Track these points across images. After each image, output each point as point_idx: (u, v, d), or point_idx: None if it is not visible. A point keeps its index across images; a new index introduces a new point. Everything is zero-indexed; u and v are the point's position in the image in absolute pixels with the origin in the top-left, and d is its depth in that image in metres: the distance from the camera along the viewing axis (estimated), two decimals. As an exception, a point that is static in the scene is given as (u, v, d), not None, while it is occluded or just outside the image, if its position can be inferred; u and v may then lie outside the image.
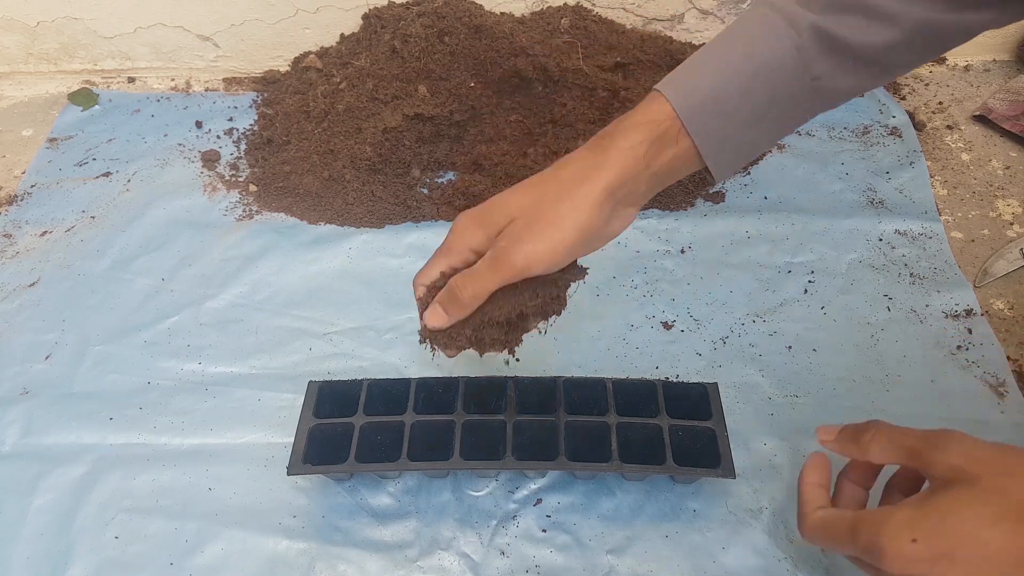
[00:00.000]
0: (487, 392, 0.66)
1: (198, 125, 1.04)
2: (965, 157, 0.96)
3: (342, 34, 1.05)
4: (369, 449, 0.63)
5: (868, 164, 0.94)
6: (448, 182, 0.94)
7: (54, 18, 1.07)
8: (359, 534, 0.64)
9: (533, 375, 0.67)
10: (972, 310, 0.79)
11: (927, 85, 1.07)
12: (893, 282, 0.82)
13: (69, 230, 0.91)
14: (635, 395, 0.66)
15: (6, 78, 1.13)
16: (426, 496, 0.66)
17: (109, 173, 0.98)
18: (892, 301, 0.80)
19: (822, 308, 0.79)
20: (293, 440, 0.63)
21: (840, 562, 0.61)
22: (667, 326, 0.78)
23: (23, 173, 0.99)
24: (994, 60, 1.10)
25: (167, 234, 0.90)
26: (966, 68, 1.09)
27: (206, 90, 1.10)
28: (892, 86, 1.06)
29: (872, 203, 0.90)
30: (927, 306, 0.79)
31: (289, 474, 0.61)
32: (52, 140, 1.03)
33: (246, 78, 1.12)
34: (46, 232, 0.91)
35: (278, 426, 0.71)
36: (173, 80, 1.12)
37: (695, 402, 0.65)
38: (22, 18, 1.07)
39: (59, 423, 0.72)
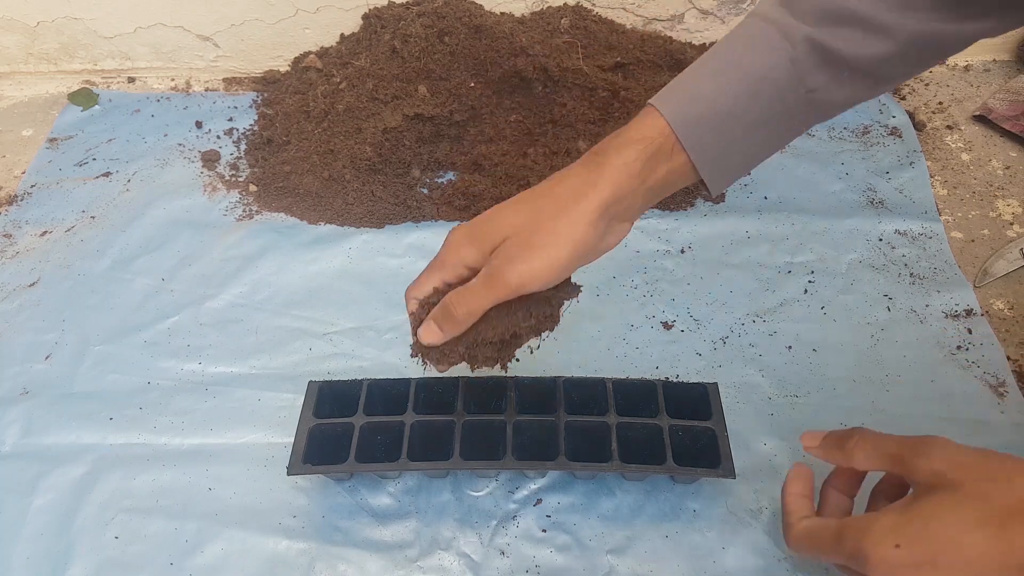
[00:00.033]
0: (487, 392, 0.66)
1: (198, 125, 1.04)
2: (965, 157, 0.96)
3: (342, 34, 1.05)
4: (369, 449, 0.63)
5: (868, 164, 0.94)
6: (448, 182, 0.93)
7: (54, 18, 1.07)
8: (359, 534, 0.64)
9: (533, 375, 0.67)
10: (972, 310, 0.79)
11: (927, 85, 1.07)
12: (893, 282, 0.81)
13: (69, 230, 0.91)
14: (635, 395, 0.66)
15: (6, 78, 1.13)
16: (426, 496, 0.66)
17: (109, 173, 0.98)
18: (892, 301, 0.80)
19: (822, 308, 0.79)
20: (293, 440, 0.63)
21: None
22: (667, 326, 0.78)
23: (23, 173, 0.99)
24: (994, 60, 1.10)
25: (167, 234, 0.90)
26: (966, 68, 1.09)
27: (206, 90, 1.10)
28: (892, 86, 1.06)
29: (872, 203, 0.90)
30: (927, 306, 0.79)
31: (289, 474, 0.61)
32: (52, 140, 1.03)
33: (246, 78, 1.12)
34: (46, 232, 0.91)
35: (278, 426, 0.71)
36: (173, 80, 1.12)
37: (695, 402, 0.65)
38: (22, 18, 1.07)
39: (59, 423, 0.72)
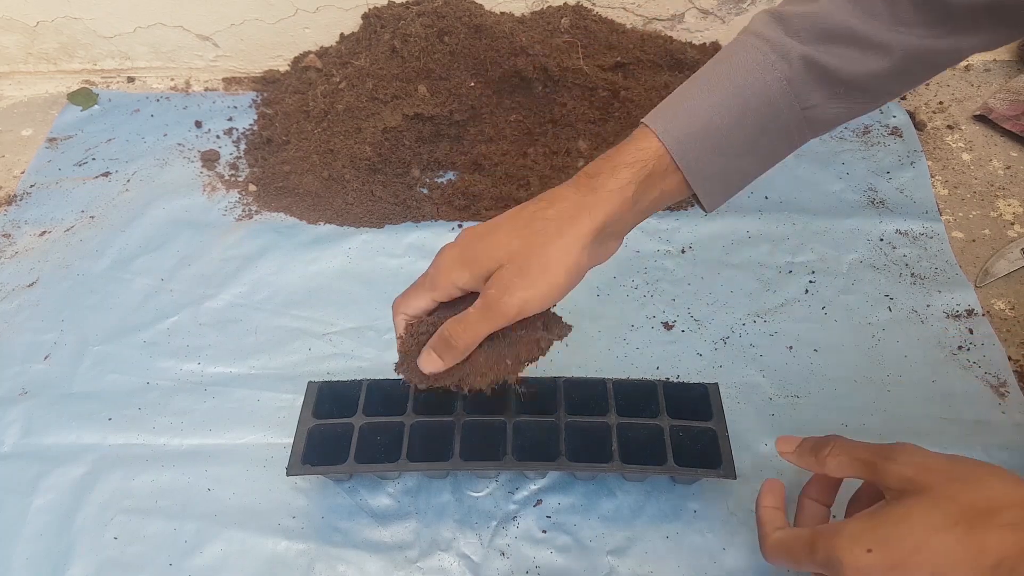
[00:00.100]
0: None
1: (198, 125, 1.03)
2: (966, 157, 0.96)
3: (342, 34, 1.05)
4: (369, 450, 0.63)
5: (869, 164, 0.94)
6: (448, 182, 0.93)
7: (53, 18, 1.07)
8: (359, 535, 0.64)
9: (533, 375, 0.67)
10: (973, 310, 0.78)
11: (927, 85, 1.06)
12: (894, 282, 0.81)
13: (68, 230, 0.91)
14: (635, 395, 0.66)
15: (6, 78, 1.13)
16: (426, 497, 0.66)
17: (108, 173, 0.98)
18: (893, 301, 0.80)
19: (823, 308, 0.79)
20: (292, 440, 0.63)
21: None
22: (668, 326, 0.78)
23: (22, 173, 0.99)
24: (994, 60, 1.10)
25: (166, 234, 0.89)
26: (966, 68, 1.09)
27: (206, 90, 1.10)
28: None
29: (873, 203, 0.90)
30: (928, 306, 0.79)
31: (288, 475, 0.61)
32: (51, 140, 1.03)
33: (246, 78, 1.12)
34: (45, 232, 0.91)
35: (277, 426, 0.71)
36: (173, 80, 1.12)
37: (696, 402, 0.65)
38: (22, 18, 1.07)
39: (59, 423, 0.72)
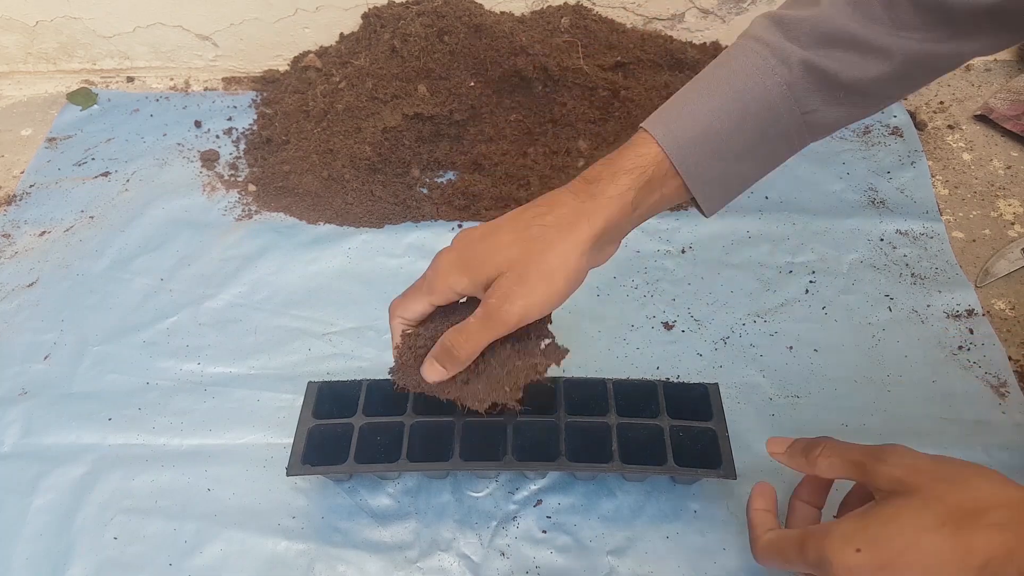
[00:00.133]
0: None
1: (197, 125, 1.03)
2: (966, 157, 0.96)
3: (341, 33, 1.05)
4: (368, 450, 0.63)
5: (869, 164, 0.94)
6: (448, 182, 0.93)
7: (53, 17, 1.07)
8: (359, 535, 0.64)
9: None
10: (973, 310, 0.78)
11: (928, 85, 1.06)
12: (894, 282, 0.81)
13: (68, 230, 0.91)
14: (636, 395, 0.66)
15: (5, 78, 1.13)
16: (426, 497, 0.66)
17: (108, 173, 0.97)
18: (893, 301, 0.80)
19: (823, 308, 0.79)
20: (292, 440, 0.63)
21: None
22: (668, 326, 0.78)
23: (22, 173, 0.99)
24: (995, 60, 1.10)
25: (166, 234, 0.89)
26: (967, 68, 1.09)
27: (205, 89, 1.10)
28: (893, 85, 1.06)
29: (873, 203, 0.90)
30: (928, 306, 0.79)
31: (288, 475, 0.61)
32: (51, 140, 1.03)
33: (245, 77, 1.11)
34: (45, 232, 0.91)
35: (277, 426, 0.71)
36: (172, 80, 1.12)
37: (696, 403, 0.65)
38: (21, 17, 1.07)
39: (58, 423, 0.72)
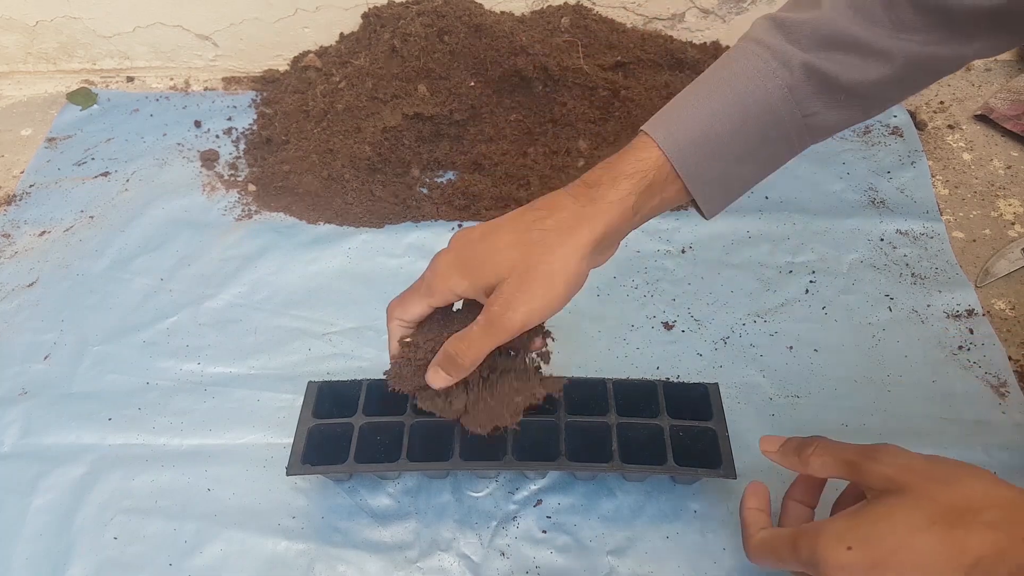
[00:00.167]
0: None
1: (197, 125, 1.03)
2: (966, 157, 0.96)
3: (341, 33, 1.05)
4: (368, 450, 0.63)
5: (869, 163, 0.94)
6: (448, 182, 0.93)
7: (53, 17, 1.07)
8: (358, 535, 0.64)
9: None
10: (973, 310, 0.78)
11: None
12: (894, 282, 0.81)
13: (68, 230, 0.91)
14: (636, 395, 0.66)
15: (5, 77, 1.13)
16: (426, 497, 0.66)
17: (108, 173, 0.97)
18: (893, 301, 0.80)
19: (823, 308, 0.79)
20: (292, 440, 0.63)
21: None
22: (668, 326, 0.78)
23: (22, 173, 0.99)
24: (995, 60, 1.10)
25: (166, 234, 0.89)
26: (967, 68, 1.09)
27: (205, 89, 1.10)
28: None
29: (873, 203, 0.90)
30: (928, 306, 0.79)
31: (288, 475, 0.61)
32: (51, 140, 1.03)
33: (245, 77, 1.11)
34: (45, 232, 0.91)
35: (277, 426, 0.71)
36: (172, 79, 1.12)
37: (696, 402, 0.65)
38: (21, 17, 1.07)
39: (58, 423, 0.72)
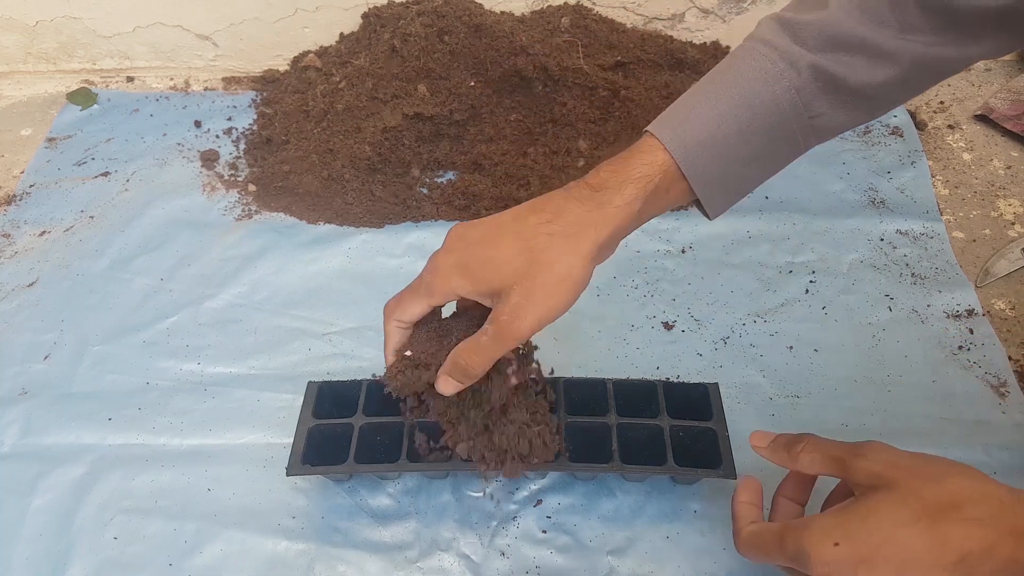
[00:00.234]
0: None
1: (197, 125, 1.03)
2: (966, 157, 0.96)
3: (341, 33, 1.05)
4: (368, 450, 0.63)
5: (869, 164, 0.94)
6: (448, 182, 0.93)
7: (53, 17, 1.07)
8: (358, 535, 0.64)
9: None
10: (973, 310, 0.78)
11: (928, 84, 1.06)
12: (894, 282, 0.81)
13: (68, 230, 0.91)
14: (636, 395, 0.66)
15: (5, 77, 1.13)
16: (426, 497, 0.66)
17: (108, 173, 0.97)
18: (893, 301, 0.80)
19: (823, 308, 0.79)
20: (292, 440, 0.63)
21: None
22: (668, 326, 0.78)
23: (22, 173, 0.99)
24: (995, 60, 1.10)
25: (166, 234, 0.89)
26: (968, 68, 1.09)
27: (205, 89, 1.10)
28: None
29: (873, 203, 0.90)
30: (928, 306, 0.79)
31: (288, 475, 0.61)
32: (51, 140, 1.03)
33: (245, 77, 1.11)
34: (45, 232, 0.91)
35: (277, 426, 0.71)
36: (172, 79, 1.12)
37: (696, 402, 0.65)
38: (21, 17, 1.07)
39: (58, 423, 0.72)
